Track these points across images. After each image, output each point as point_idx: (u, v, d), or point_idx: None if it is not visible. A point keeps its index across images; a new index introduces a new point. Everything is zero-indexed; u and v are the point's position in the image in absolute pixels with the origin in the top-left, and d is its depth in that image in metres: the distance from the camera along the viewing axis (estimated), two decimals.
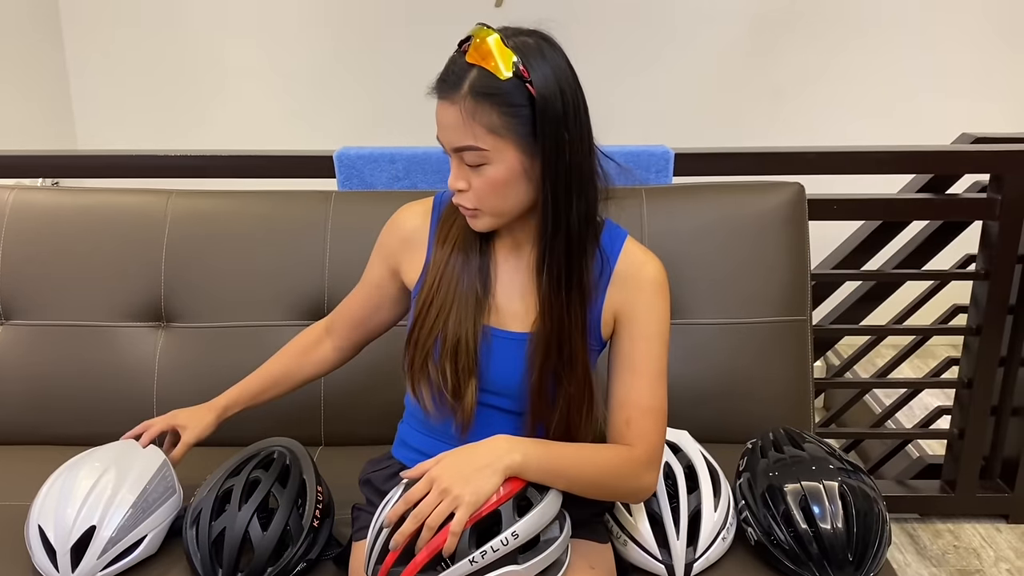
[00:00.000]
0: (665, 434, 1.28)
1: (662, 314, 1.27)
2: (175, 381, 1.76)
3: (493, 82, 1.12)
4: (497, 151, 1.14)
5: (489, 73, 1.12)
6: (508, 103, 1.12)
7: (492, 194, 1.17)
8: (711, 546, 1.36)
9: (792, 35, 3.57)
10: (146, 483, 1.35)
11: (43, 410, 1.76)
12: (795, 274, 1.77)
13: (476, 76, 1.12)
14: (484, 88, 1.12)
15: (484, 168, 1.15)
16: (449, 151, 1.17)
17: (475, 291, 1.25)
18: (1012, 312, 2.34)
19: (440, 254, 1.28)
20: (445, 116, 1.15)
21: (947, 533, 2.46)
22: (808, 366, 1.78)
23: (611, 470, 1.22)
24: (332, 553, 1.39)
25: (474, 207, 1.18)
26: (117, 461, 1.38)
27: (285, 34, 3.58)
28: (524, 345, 1.26)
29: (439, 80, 1.16)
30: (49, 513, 1.32)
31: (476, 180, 1.16)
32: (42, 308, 1.78)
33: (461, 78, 1.13)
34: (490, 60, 1.12)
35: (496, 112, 1.12)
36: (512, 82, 1.12)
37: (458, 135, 1.14)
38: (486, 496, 1.11)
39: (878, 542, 1.33)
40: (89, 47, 3.57)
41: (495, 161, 1.14)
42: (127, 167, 2.08)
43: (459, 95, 1.13)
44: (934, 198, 2.40)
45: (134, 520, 1.32)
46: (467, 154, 1.15)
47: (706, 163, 2.07)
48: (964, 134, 2.49)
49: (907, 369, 3.39)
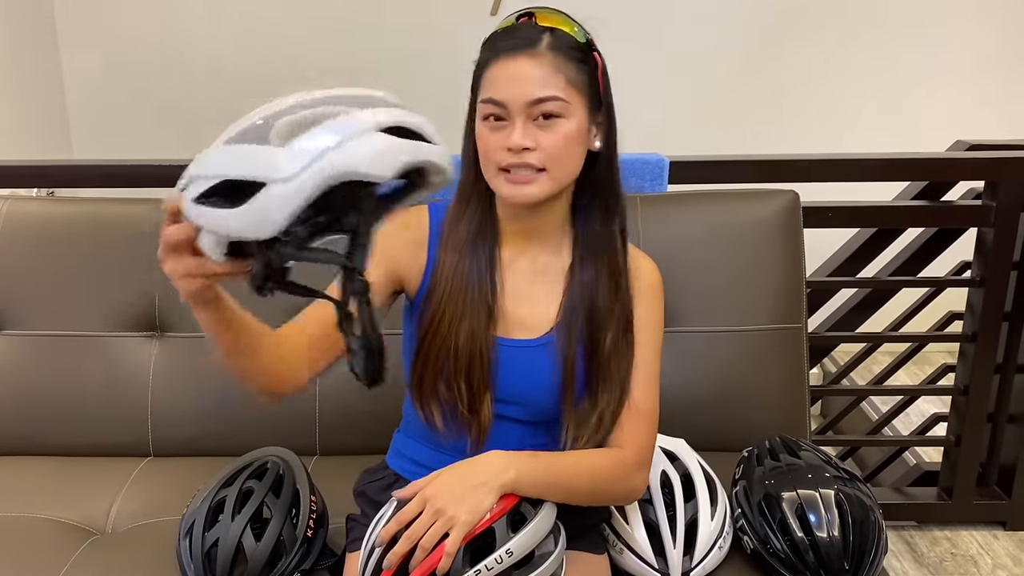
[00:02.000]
0: (656, 436, 1.28)
1: (656, 317, 1.28)
2: (169, 391, 1.75)
3: (571, 41, 1.16)
4: (574, 105, 1.16)
5: (566, 34, 1.16)
6: (583, 60, 1.17)
7: (564, 151, 1.16)
8: (707, 555, 1.36)
9: (786, 43, 3.58)
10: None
11: (37, 420, 1.75)
12: (790, 282, 1.77)
13: (553, 35, 1.16)
14: (564, 45, 1.15)
15: (559, 122, 1.15)
16: (518, 107, 1.14)
17: (485, 302, 1.23)
18: (1008, 319, 2.34)
19: (448, 263, 1.24)
20: (524, 70, 1.14)
21: (944, 540, 2.45)
22: (804, 374, 1.78)
23: (604, 475, 1.22)
24: (326, 563, 1.38)
25: (541, 165, 1.16)
26: None
27: (282, 44, 3.58)
28: (538, 352, 1.24)
29: (502, 41, 1.16)
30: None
31: (546, 137, 1.15)
32: (36, 318, 1.77)
33: (537, 37, 1.15)
34: (566, 24, 1.18)
35: (575, 67, 1.15)
36: (585, 46, 1.18)
37: (541, 86, 1.13)
38: (481, 515, 1.10)
39: (874, 550, 1.33)
40: (85, 57, 3.57)
41: (571, 115, 1.15)
42: (122, 176, 2.07)
43: (540, 49, 1.14)
44: (929, 205, 2.40)
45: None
46: (547, 104, 1.14)
47: (701, 171, 2.07)
48: (959, 141, 2.49)
49: (904, 376, 3.39)
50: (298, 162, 0.77)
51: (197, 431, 1.74)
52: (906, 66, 3.58)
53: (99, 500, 1.60)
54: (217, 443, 1.72)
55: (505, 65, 1.15)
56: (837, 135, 3.53)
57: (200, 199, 0.81)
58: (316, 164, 0.77)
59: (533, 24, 1.17)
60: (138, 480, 1.66)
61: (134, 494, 1.62)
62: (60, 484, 1.65)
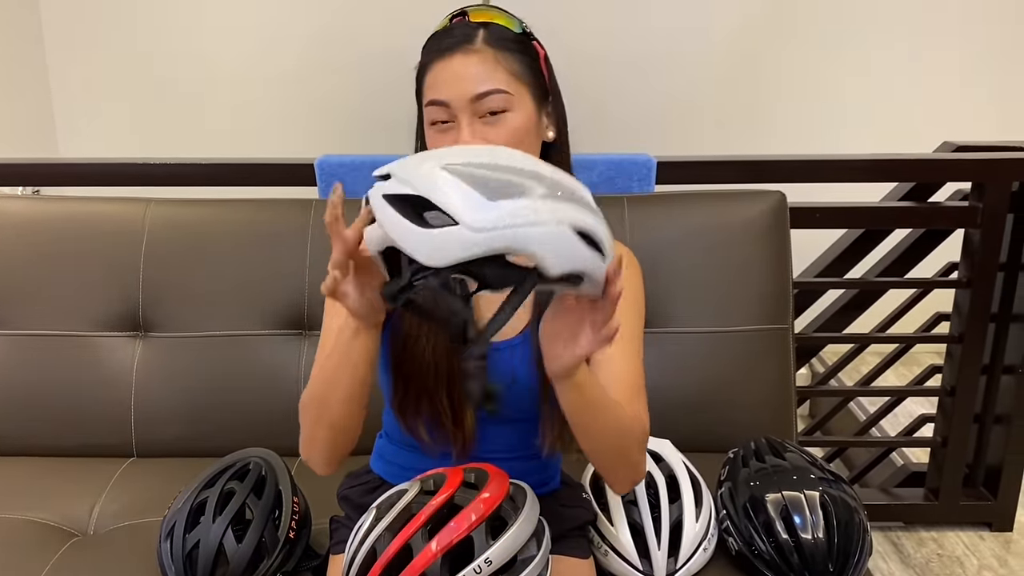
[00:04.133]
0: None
1: (639, 289, 1.26)
2: (153, 391, 1.74)
3: (507, 33, 1.15)
4: (519, 97, 1.14)
5: (501, 26, 1.16)
6: (523, 51, 1.16)
7: (513, 145, 1.10)
8: (692, 556, 1.35)
9: (775, 44, 3.58)
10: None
11: (19, 420, 1.74)
12: (777, 282, 1.77)
13: (488, 29, 1.15)
14: (501, 37, 1.14)
15: (505, 116, 1.13)
16: (461, 105, 1.12)
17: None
18: (994, 320, 2.35)
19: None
20: (462, 67, 1.12)
21: (931, 541, 2.46)
22: (790, 374, 1.78)
23: (630, 430, 1.15)
24: (309, 565, 1.37)
25: None
26: None
27: (267, 42, 3.57)
28: (516, 351, 1.23)
29: (438, 42, 1.15)
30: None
31: (494, 133, 1.12)
32: (19, 317, 1.76)
33: (472, 33, 1.14)
34: (499, 17, 1.17)
35: (515, 58, 1.14)
36: (522, 36, 1.17)
37: (482, 81, 1.12)
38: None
39: (859, 552, 1.32)
40: (70, 55, 3.55)
41: (517, 108, 1.14)
42: (107, 175, 2.06)
43: (476, 44, 1.13)
44: (916, 206, 2.41)
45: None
46: (490, 99, 1.12)
47: (688, 171, 2.07)
48: (946, 142, 2.50)
49: (892, 377, 3.39)
50: (494, 220, 0.83)
51: (180, 432, 1.74)
52: (894, 67, 3.59)
53: (81, 501, 1.60)
54: (201, 444, 1.71)
55: (444, 65, 1.13)
56: (825, 136, 3.53)
57: (390, 199, 0.87)
58: (508, 230, 0.83)
59: (467, 22, 1.16)
60: (120, 481, 1.66)
61: (116, 495, 1.61)
62: (42, 484, 1.64)
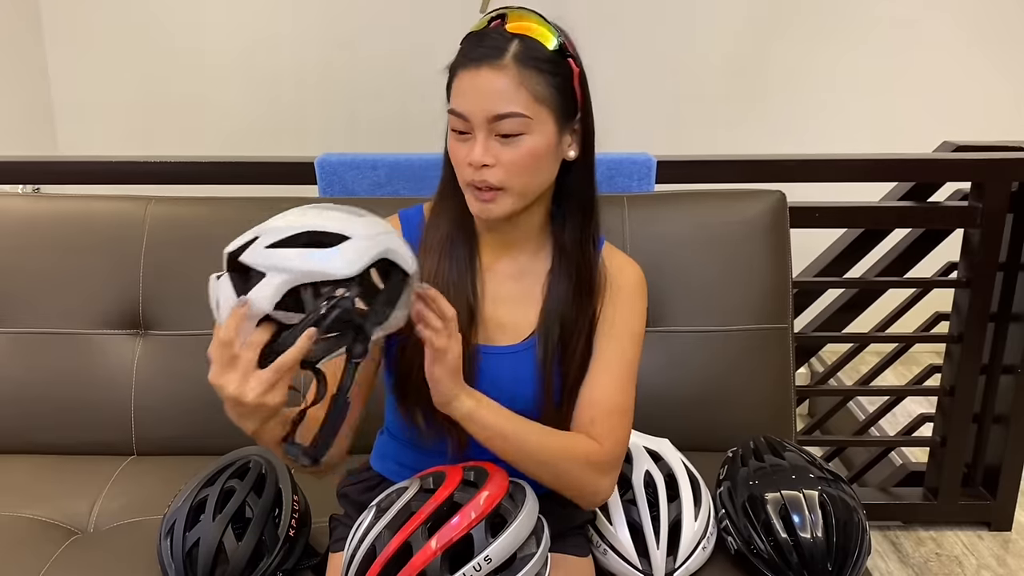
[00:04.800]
0: (629, 437, 1.26)
1: (638, 315, 1.26)
2: (153, 389, 1.74)
3: (540, 51, 1.11)
4: (539, 121, 1.11)
5: (536, 42, 1.11)
6: (554, 72, 1.12)
7: (525, 168, 1.12)
8: (691, 555, 1.35)
9: (775, 44, 3.58)
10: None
11: (19, 418, 1.75)
12: (776, 282, 1.77)
13: (521, 44, 1.10)
14: (532, 55, 1.10)
15: (521, 139, 1.11)
16: (480, 122, 1.11)
17: (468, 307, 1.21)
18: (993, 320, 2.35)
19: (426, 268, 1.21)
20: (486, 82, 1.10)
21: (929, 541, 2.46)
22: (789, 374, 1.78)
23: (570, 458, 1.17)
24: (309, 563, 1.37)
25: (500, 185, 1.13)
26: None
27: (267, 40, 3.57)
28: (521, 357, 1.23)
29: (470, 50, 1.12)
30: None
31: (507, 154, 1.11)
32: (20, 315, 1.76)
33: (504, 46, 1.10)
34: (535, 30, 1.12)
35: (543, 80, 1.11)
36: (557, 54, 1.12)
37: (503, 102, 1.09)
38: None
39: (858, 551, 1.33)
40: (70, 53, 3.55)
41: (535, 132, 1.11)
42: (106, 173, 2.06)
43: (504, 60, 1.09)
44: (916, 206, 2.41)
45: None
46: (507, 122, 1.10)
47: (688, 171, 2.07)
48: (946, 142, 2.50)
49: (891, 376, 3.40)
50: (374, 229, 0.99)
51: (181, 430, 1.74)
52: (894, 67, 3.59)
53: (81, 499, 1.60)
54: (200, 442, 1.72)
55: (470, 76, 1.11)
56: (824, 136, 3.54)
57: (280, 243, 0.96)
58: (386, 234, 1.00)
59: (502, 31, 1.12)
60: (121, 479, 1.66)
61: (116, 493, 1.62)
62: (42, 482, 1.64)
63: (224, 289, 0.98)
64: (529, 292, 1.24)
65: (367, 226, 0.99)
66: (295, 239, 0.96)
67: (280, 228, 0.97)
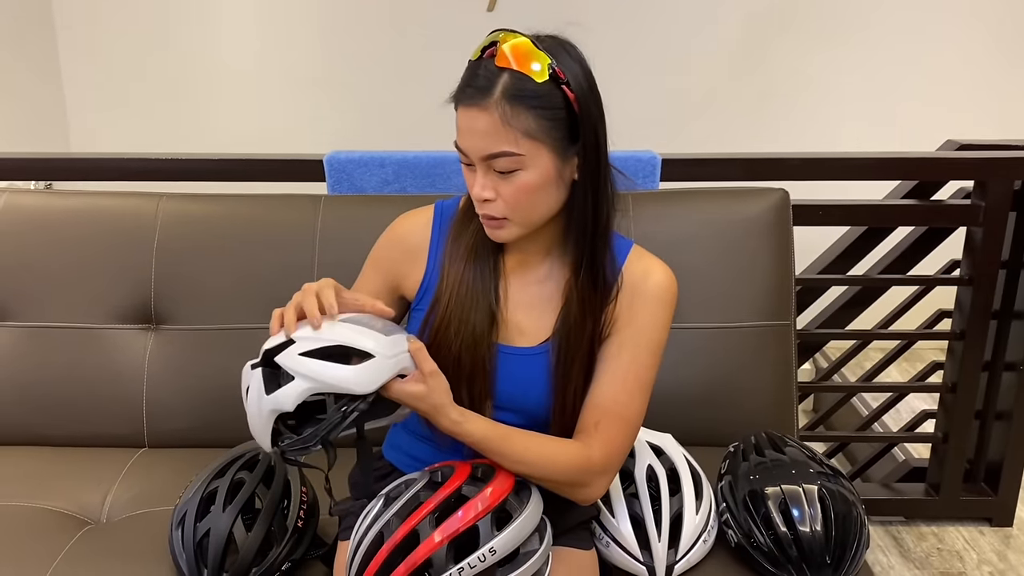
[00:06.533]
0: (631, 445, 1.26)
1: (660, 324, 1.25)
2: (164, 383, 1.77)
3: (529, 85, 1.08)
4: (532, 156, 1.10)
5: (523, 76, 1.08)
6: (545, 106, 1.09)
7: (524, 202, 1.13)
8: (692, 548, 1.37)
9: (780, 42, 3.59)
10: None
11: (33, 411, 1.77)
12: (780, 279, 1.79)
13: (509, 80, 1.09)
14: (520, 91, 1.08)
15: (517, 175, 1.11)
16: (476, 159, 1.12)
17: (490, 310, 1.23)
18: (996, 317, 2.36)
19: (452, 272, 1.24)
20: (474, 122, 1.10)
21: (931, 536, 2.48)
22: (792, 370, 1.80)
23: (561, 467, 1.20)
24: (317, 553, 1.40)
25: (503, 216, 1.15)
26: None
27: (277, 38, 3.59)
28: (537, 360, 1.25)
29: (463, 87, 1.12)
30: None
31: (506, 188, 1.12)
32: (33, 310, 1.79)
33: (491, 83, 1.09)
34: (524, 63, 1.09)
35: (532, 116, 1.09)
36: (548, 84, 1.09)
37: (492, 141, 1.10)
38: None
39: (856, 545, 1.34)
40: (83, 50, 3.57)
41: (530, 167, 1.11)
42: (118, 170, 2.09)
43: (492, 100, 1.08)
44: (919, 204, 2.42)
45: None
46: (500, 161, 1.11)
47: (693, 169, 2.09)
48: (949, 141, 2.51)
49: (895, 373, 3.42)
50: (395, 348, 1.10)
51: (191, 422, 1.77)
52: (897, 66, 3.60)
53: (94, 490, 1.63)
54: (211, 434, 1.74)
55: (463, 113, 1.12)
56: (828, 134, 3.55)
57: (309, 354, 1.06)
58: (404, 354, 1.11)
59: (490, 68, 1.10)
60: (133, 471, 1.69)
61: (129, 484, 1.64)
62: (56, 474, 1.67)
63: (255, 381, 1.08)
64: (550, 297, 1.26)
65: (391, 346, 1.09)
66: (326, 351, 1.06)
67: (313, 338, 1.07)
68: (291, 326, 1.08)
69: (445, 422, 1.14)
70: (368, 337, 1.08)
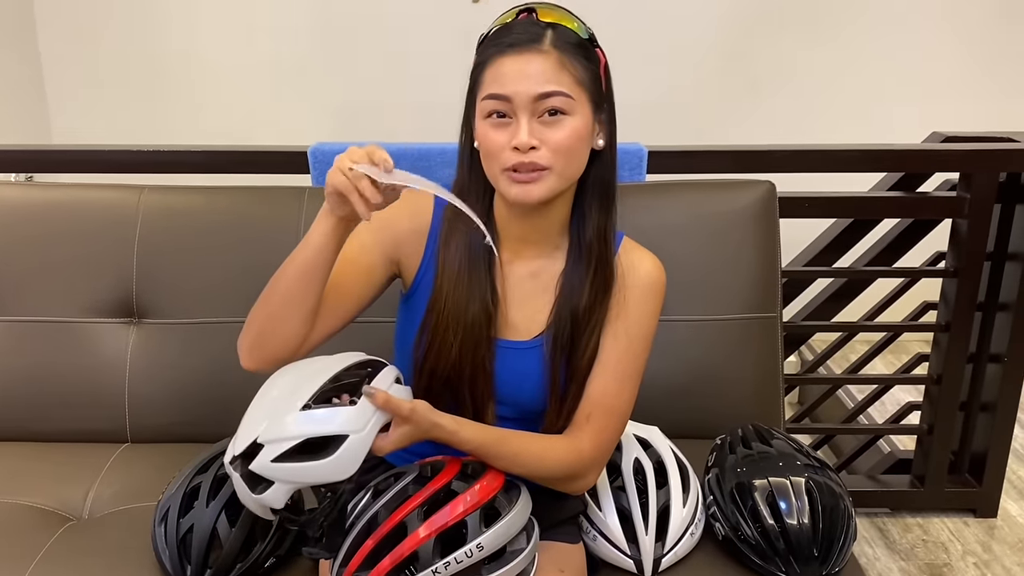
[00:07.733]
0: (618, 438, 1.28)
1: (649, 315, 1.26)
2: (147, 377, 1.75)
3: (575, 38, 1.15)
4: (579, 102, 1.14)
5: (569, 30, 1.15)
6: (589, 59, 1.16)
7: (568, 149, 1.14)
8: (679, 541, 1.37)
9: (766, 34, 3.59)
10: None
11: (14, 406, 1.76)
12: (765, 271, 1.78)
13: (558, 32, 1.14)
14: (570, 41, 1.14)
15: (564, 120, 1.13)
16: (524, 103, 1.12)
17: (487, 308, 1.23)
18: (981, 309, 2.37)
19: (448, 268, 1.23)
20: (527, 65, 1.11)
21: (916, 527, 2.49)
22: (778, 362, 1.80)
23: (553, 462, 1.22)
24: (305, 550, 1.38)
25: (547, 164, 1.13)
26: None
27: (259, 29, 3.57)
28: (531, 353, 1.25)
29: (510, 36, 1.14)
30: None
31: (551, 134, 1.12)
32: (13, 304, 1.77)
33: (540, 34, 1.13)
34: (567, 20, 1.16)
35: (581, 66, 1.14)
36: (588, 42, 1.17)
37: (548, 81, 1.11)
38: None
39: (843, 537, 1.35)
40: (64, 41, 3.54)
41: (577, 112, 1.14)
42: (100, 162, 2.07)
43: (544, 45, 1.12)
44: (904, 196, 2.42)
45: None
46: (552, 100, 1.12)
47: (679, 161, 2.08)
48: (934, 133, 2.52)
49: (880, 365, 3.43)
50: (364, 417, 1.07)
51: (174, 417, 1.75)
52: (883, 58, 3.61)
53: (76, 486, 1.61)
54: (195, 429, 1.73)
55: (510, 60, 1.12)
56: (814, 126, 3.55)
57: (283, 457, 1.05)
58: (378, 415, 1.08)
59: (535, 20, 1.15)
60: (115, 466, 1.67)
61: (111, 480, 1.63)
62: (37, 469, 1.65)
63: (238, 481, 1.09)
64: (544, 291, 1.26)
65: (360, 416, 1.06)
66: (295, 449, 1.05)
67: (280, 439, 1.05)
68: (363, 160, 1.08)
69: (442, 435, 1.15)
70: (334, 418, 1.06)
